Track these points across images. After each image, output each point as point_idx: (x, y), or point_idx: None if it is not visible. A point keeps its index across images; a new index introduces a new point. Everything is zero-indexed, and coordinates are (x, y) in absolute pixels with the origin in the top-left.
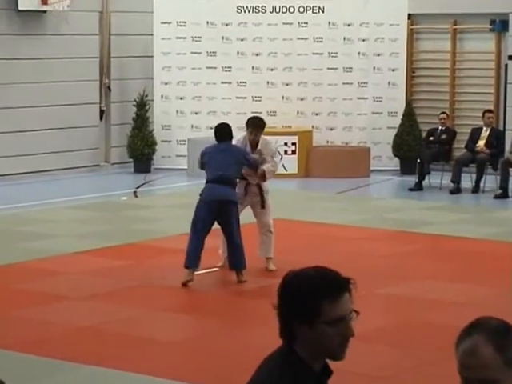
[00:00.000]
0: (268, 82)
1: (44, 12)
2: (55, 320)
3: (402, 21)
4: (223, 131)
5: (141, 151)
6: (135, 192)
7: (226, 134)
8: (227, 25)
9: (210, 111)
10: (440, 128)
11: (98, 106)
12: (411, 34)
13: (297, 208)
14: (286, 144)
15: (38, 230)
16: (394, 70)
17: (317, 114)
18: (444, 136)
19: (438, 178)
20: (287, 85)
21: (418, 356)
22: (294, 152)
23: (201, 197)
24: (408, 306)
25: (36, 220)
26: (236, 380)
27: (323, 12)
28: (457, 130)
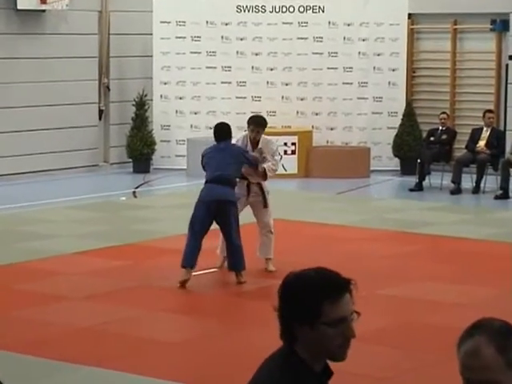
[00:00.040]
0: (268, 82)
1: (43, 11)
2: (54, 320)
3: (402, 20)
4: (222, 131)
5: (140, 151)
6: (134, 192)
7: (225, 134)
8: (227, 24)
9: (209, 111)
10: (440, 128)
11: (97, 105)
12: (411, 33)
13: (296, 208)
14: (285, 144)
15: (37, 230)
16: (394, 70)
17: (317, 114)
18: (444, 136)
19: (438, 178)
20: (287, 85)
21: (419, 357)
22: (293, 152)
23: (199, 197)
24: (408, 306)
25: (35, 220)
26: (236, 381)
27: (323, 11)
28: (457, 130)
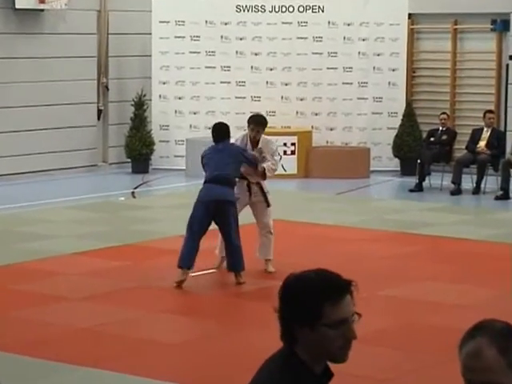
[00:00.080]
0: (267, 82)
1: (41, 11)
2: (53, 321)
3: (402, 20)
4: (220, 131)
5: (139, 151)
6: (133, 192)
7: (224, 134)
8: (226, 24)
9: (208, 111)
10: (440, 128)
11: (95, 105)
12: (412, 33)
13: (296, 209)
14: (285, 144)
15: (36, 231)
16: (394, 70)
17: (316, 114)
18: (444, 137)
19: (438, 178)
20: (286, 85)
21: (420, 358)
22: (293, 152)
23: (198, 197)
24: (409, 307)
25: (34, 220)
26: (235, 382)
27: (323, 11)
28: (457, 130)
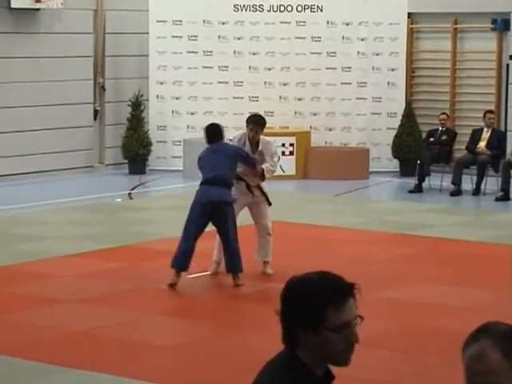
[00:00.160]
0: (265, 82)
1: (37, 10)
2: (48, 324)
3: (401, 20)
4: (214, 132)
5: (136, 152)
6: (130, 194)
7: (217, 134)
8: (224, 23)
9: (206, 111)
10: (440, 129)
11: (92, 105)
12: (411, 33)
13: (294, 210)
14: (283, 145)
15: (32, 232)
16: (393, 70)
17: (315, 115)
18: (444, 137)
19: (438, 179)
20: (285, 85)
21: (420, 361)
22: (291, 153)
23: (195, 198)
24: (409, 310)
25: (29, 222)
26: None
27: (321, 11)
28: (457, 130)
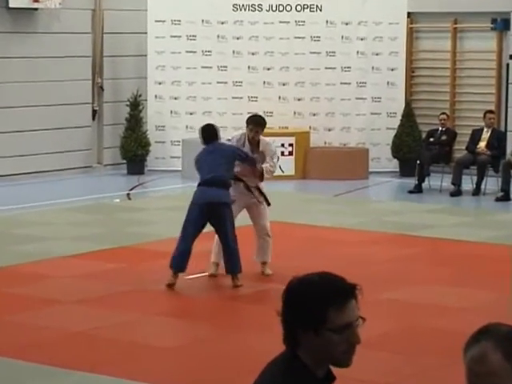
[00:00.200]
0: (264, 82)
1: (35, 10)
2: (47, 325)
3: (401, 19)
4: (209, 132)
5: (134, 152)
6: (128, 194)
7: (213, 135)
8: (223, 23)
9: (205, 111)
10: (440, 129)
11: (90, 105)
12: (411, 32)
13: (293, 210)
14: (282, 145)
15: (30, 233)
16: (393, 70)
17: (314, 115)
18: (444, 137)
19: (438, 180)
20: (284, 85)
21: (421, 362)
22: (290, 153)
23: (192, 199)
24: (409, 311)
25: (27, 222)
26: None
27: (321, 10)
28: (457, 130)
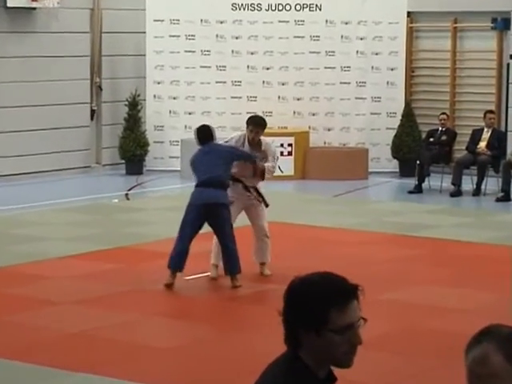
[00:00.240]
0: (264, 82)
1: (33, 9)
2: (45, 325)
3: (401, 19)
4: (204, 133)
5: (133, 152)
6: (127, 194)
7: (208, 136)
8: (222, 23)
9: (203, 111)
10: (440, 129)
11: (88, 105)
12: (411, 32)
13: (293, 211)
14: (282, 145)
15: (28, 233)
16: (392, 70)
17: (314, 115)
18: (444, 137)
19: (438, 180)
20: (283, 84)
21: (420, 363)
22: (290, 153)
23: (190, 200)
24: (409, 311)
25: (26, 222)
26: None
27: (320, 10)
28: (457, 131)
